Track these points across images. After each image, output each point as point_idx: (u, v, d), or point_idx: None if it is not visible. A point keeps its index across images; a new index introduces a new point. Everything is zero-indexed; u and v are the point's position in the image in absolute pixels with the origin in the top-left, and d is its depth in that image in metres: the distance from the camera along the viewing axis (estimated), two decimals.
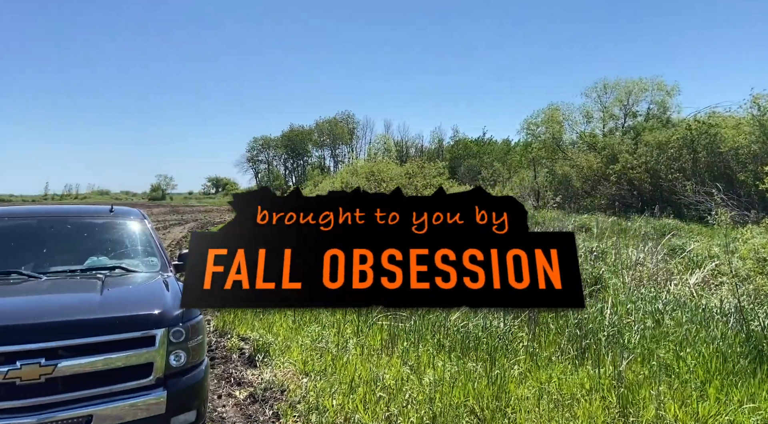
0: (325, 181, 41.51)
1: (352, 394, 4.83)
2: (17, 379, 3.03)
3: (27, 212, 5.51)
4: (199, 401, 3.71)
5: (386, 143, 61.91)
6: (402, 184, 24.67)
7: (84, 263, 4.46)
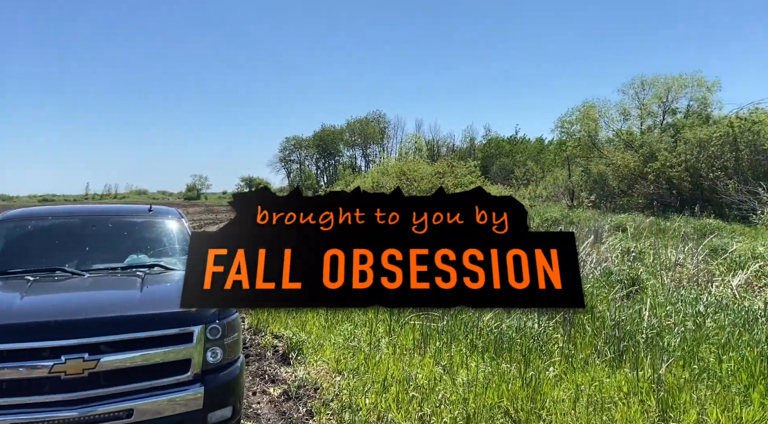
0: (356, 181, 41.68)
1: (385, 393, 4.83)
2: (62, 373, 3.13)
3: (70, 211, 5.69)
4: (234, 398, 3.77)
5: (417, 142, 61.75)
6: (433, 183, 24.58)
7: (124, 261, 4.58)
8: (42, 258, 4.43)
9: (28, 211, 5.34)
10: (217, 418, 3.63)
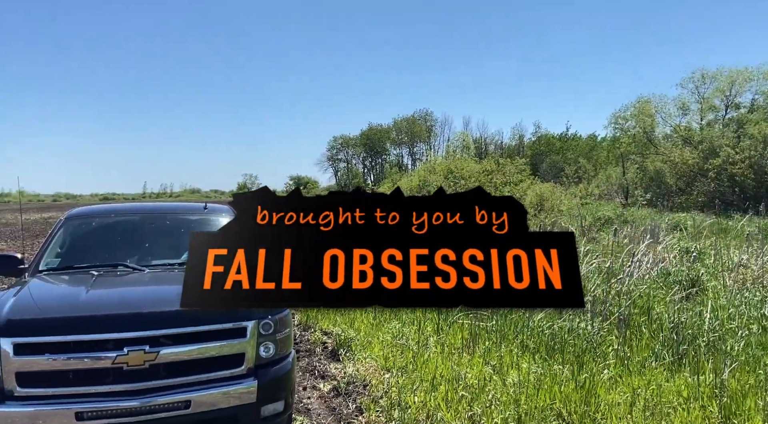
0: (403, 180, 41.64)
1: (434, 391, 4.81)
2: (124, 364, 3.26)
3: (131, 209, 5.93)
4: (286, 392, 3.83)
5: (465, 140, 61.17)
6: (480, 181, 24.29)
7: (181, 257, 4.73)
8: (105, 254, 4.63)
9: (92, 209, 5.60)
10: (270, 411, 3.70)
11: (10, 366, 3.12)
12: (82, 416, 3.15)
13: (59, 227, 4.91)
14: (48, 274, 4.35)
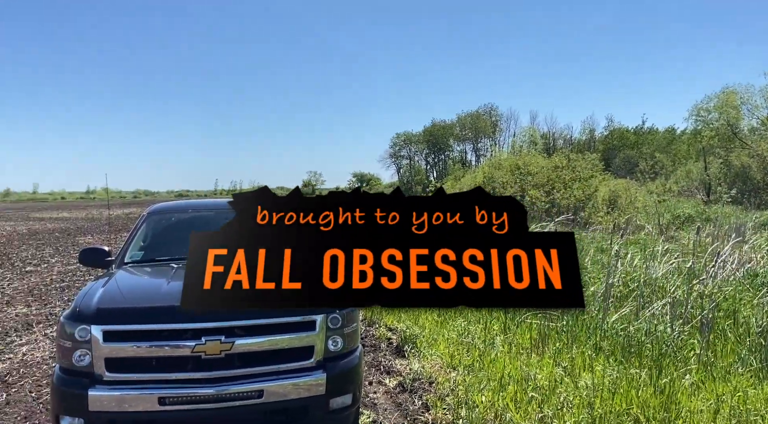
0: (466, 176, 41.15)
1: (502, 391, 4.71)
2: (202, 353, 3.39)
3: (206, 205, 6.16)
4: (354, 386, 3.86)
5: (532, 135, 59.65)
6: (549, 177, 23.63)
7: None
8: (184, 247, 4.83)
9: (171, 204, 5.87)
10: (338, 404, 3.74)
11: (99, 352, 3.32)
12: (164, 401, 3.30)
13: (142, 221, 5.18)
14: (132, 266, 4.60)
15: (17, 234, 22.03)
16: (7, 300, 9.26)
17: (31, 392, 5.13)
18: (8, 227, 25.68)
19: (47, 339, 6.85)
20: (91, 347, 3.32)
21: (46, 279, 11.32)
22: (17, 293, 9.91)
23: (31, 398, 4.98)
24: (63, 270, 12.52)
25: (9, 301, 9.19)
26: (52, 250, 16.41)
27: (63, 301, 9.16)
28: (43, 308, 8.64)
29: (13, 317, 8.06)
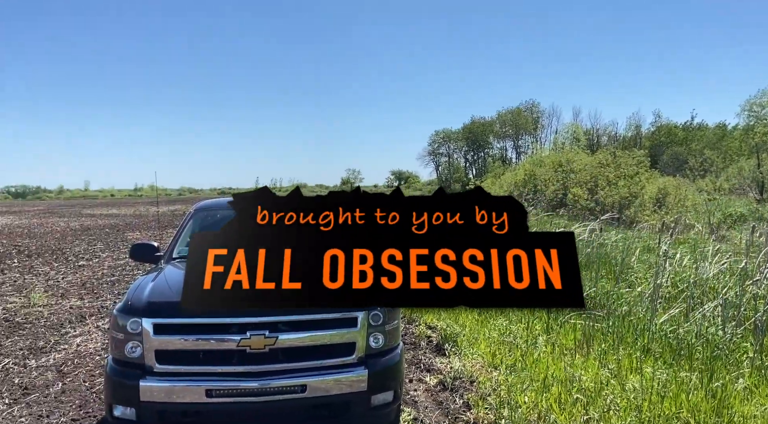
0: (507, 173, 40.57)
1: (546, 392, 4.63)
2: (247, 347, 3.45)
3: None
4: (396, 383, 3.87)
5: (575, 132, 58.34)
6: (593, 174, 23.05)
7: None
8: None
9: (216, 201, 6.00)
10: (380, 401, 3.75)
11: (150, 344, 3.42)
12: (211, 394, 3.39)
13: (189, 218, 5.32)
14: (180, 261, 4.72)
15: (70, 230, 22.97)
16: (61, 293, 9.67)
17: (84, 381, 5.35)
18: (62, 223, 26.80)
19: (99, 331, 7.12)
20: (142, 339, 3.43)
21: (97, 273, 11.77)
22: (71, 286, 10.34)
23: (85, 387, 5.19)
24: (113, 265, 12.99)
25: (63, 294, 9.59)
26: (102, 245, 17.04)
27: (113, 294, 9.50)
28: (95, 301, 8.99)
29: (68, 309, 8.41)
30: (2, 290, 9.98)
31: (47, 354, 6.20)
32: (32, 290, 9.76)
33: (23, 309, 8.40)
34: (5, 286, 10.35)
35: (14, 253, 15.19)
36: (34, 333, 7.07)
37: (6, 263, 13.35)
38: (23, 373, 5.59)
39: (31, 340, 6.75)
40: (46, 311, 8.31)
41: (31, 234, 21.10)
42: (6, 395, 4.98)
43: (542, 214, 18.27)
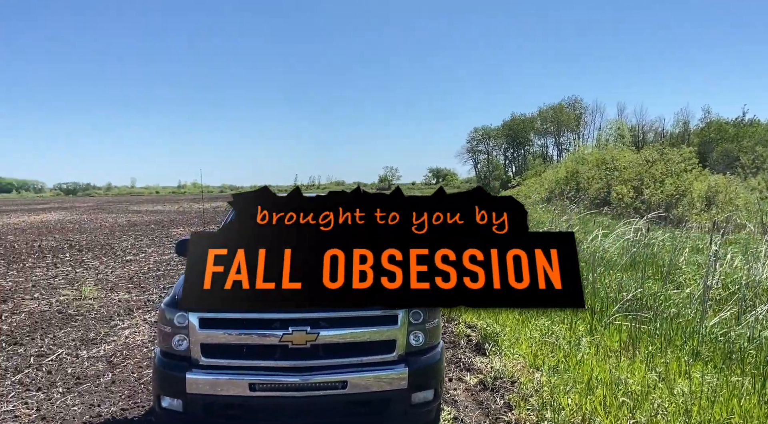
0: (548, 171, 39.82)
1: (590, 395, 4.53)
2: (289, 342, 3.49)
3: None
4: (436, 381, 3.84)
5: (619, 128, 56.73)
6: (638, 172, 22.38)
7: None
8: None
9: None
10: (420, 399, 3.74)
11: (196, 337, 3.50)
12: (254, 387, 3.44)
13: (232, 214, 5.41)
14: None
15: (118, 225, 23.77)
16: (110, 286, 10.01)
17: (133, 372, 5.52)
18: (110, 219, 27.77)
19: (146, 324, 7.34)
20: (189, 333, 3.51)
21: (143, 268, 12.14)
22: (119, 280, 10.69)
23: (133, 378, 5.36)
24: (158, 259, 13.38)
25: (112, 287, 9.93)
26: (148, 240, 17.57)
27: (159, 288, 9.78)
28: (142, 295, 9.27)
29: (116, 303, 8.70)
30: (56, 282, 10.41)
31: (98, 345, 6.44)
32: (83, 284, 10.15)
33: (75, 301, 8.74)
34: (58, 279, 10.79)
35: (66, 247, 15.83)
36: (85, 325, 7.35)
37: (59, 257, 13.92)
38: (76, 363, 5.82)
39: (82, 331, 7.02)
40: (96, 303, 8.62)
41: (81, 229, 21.94)
42: (60, 384, 5.19)
43: (584, 212, 17.85)
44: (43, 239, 18.29)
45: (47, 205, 48.09)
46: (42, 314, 7.95)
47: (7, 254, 14.34)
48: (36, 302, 8.77)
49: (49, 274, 11.38)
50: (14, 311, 8.09)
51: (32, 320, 7.56)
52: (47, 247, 15.99)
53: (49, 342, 6.54)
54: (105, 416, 4.47)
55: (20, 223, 25.88)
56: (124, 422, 4.38)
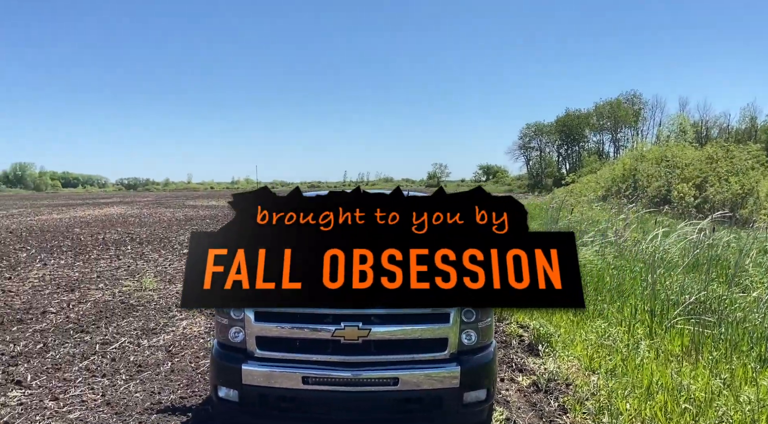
0: (604, 168, 38.56)
1: (650, 400, 4.36)
2: (341, 337, 3.51)
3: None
4: (489, 381, 3.78)
5: (681, 124, 54.32)
6: (701, 169, 21.39)
7: None
8: None
9: (309, 195, 6.16)
10: (472, 399, 3.69)
11: (251, 330, 3.57)
12: (307, 381, 3.48)
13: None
14: None
15: (175, 220, 24.65)
16: (168, 279, 10.40)
17: (190, 362, 5.71)
18: (168, 214, 28.83)
19: (202, 316, 7.57)
20: (244, 325, 3.58)
21: None
22: (177, 272, 11.08)
23: (191, 368, 5.54)
24: None
25: (170, 279, 10.31)
26: None
27: None
28: None
29: (174, 294, 9.02)
30: (118, 274, 10.90)
31: (157, 335, 6.69)
32: (144, 275, 10.58)
33: (136, 292, 9.13)
34: (121, 270, 11.29)
35: (128, 240, 16.54)
36: (146, 315, 7.65)
37: (121, 249, 14.56)
38: (137, 351, 6.06)
39: (143, 321, 7.31)
40: (155, 294, 8.97)
41: (141, 223, 22.89)
42: (123, 371, 5.42)
43: (643, 211, 17.20)
44: (107, 231, 19.19)
45: (110, 199, 50.45)
46: (106, 303, 8.33)
47: (74, 246, 15.11)
48: (100, 292, 9.20)
49: (112, 265, 11.92)
50: (81, 300, 8.52)
51: (97, 309, 7.94)
52: (110, 239, 16.76)
53: (112, 331, 6.85)
54: (165, 404, 4.63)
55: (86, 216, 27.25)
56: (182, 409, 4.53)
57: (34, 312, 7.75)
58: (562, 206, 19.03)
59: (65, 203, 42.36)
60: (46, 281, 10.06)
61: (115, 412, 4.47)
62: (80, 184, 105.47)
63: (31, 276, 10.60)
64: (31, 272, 11.10)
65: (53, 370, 5.42)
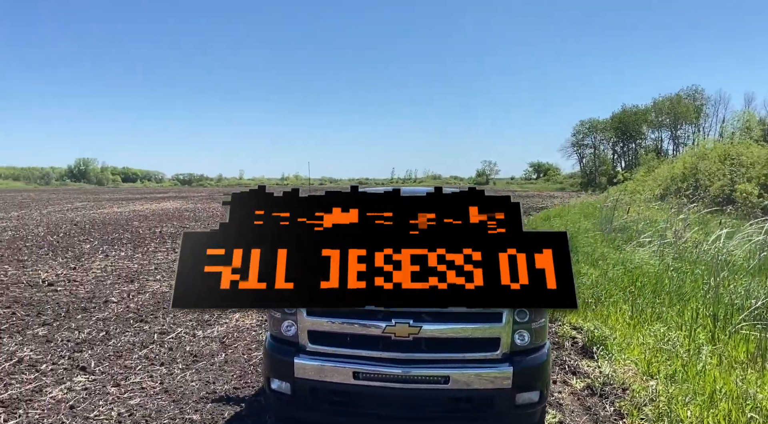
0: (663, 166, 37.05)
1: (713, 408, 4.16)
2: (392, 334, 3.50)
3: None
4: (542, 383, 3.70)
5: (747, 120, 51.60)
6: None
7: None
8: None
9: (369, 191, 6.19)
10: (525, 400, 3.61)
11: (303, 324, 3.61)
12: (358, 376, 3.49)
13: None
14: None
15: None
16: None
17: (243, 354, 5.85)
18: (221, 209, 29.66)
19: (253, 309, 7.75)
20: (297, 320, 3.63)
21: None
22: None
23: (244, 359, 5.67)
24: None
25: None
26: None
27: None
28: None
29: None
30: (174, 266, 11.27)
31: (212, 327, 6.88)
32: None
33: None
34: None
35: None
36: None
37: (177, 242, 15.05)
38: (193, 342, 6.26)
39: (198, 313, 7.53)
40: None
41: (196, 217, 23.63)
42: (180, 360, 5.61)
43: (704, 211, 16.45)
44: (163, 225, 19.91)
45: (166, 194, 52.37)
46: (163, 294, 8.64)
47: (134, 239, 15.76)
48: (158, 283, 9.55)
49: (169, 258, 12.36)
50: (140, 291, 8.87)
51: (155, 300, 8.25)
52: (167, 233, 17.38)
53: (169, 321, 7.10)
54: (219, 393, 4.76)
55: (144, 210, 28.37)
56: (236, 400, 4.64)
57: (97, 301, 8.11)
58: (616, 205, 18.42)
59: (125, 197, 44.26)
60: (107, 272, 10.53)
61: (173, 400, 4.62)
62: (139, 179, 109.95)
63: (94, 267, 11.11)
64: (94, 262, 11.64)
65: (115, 357, 5.66)
